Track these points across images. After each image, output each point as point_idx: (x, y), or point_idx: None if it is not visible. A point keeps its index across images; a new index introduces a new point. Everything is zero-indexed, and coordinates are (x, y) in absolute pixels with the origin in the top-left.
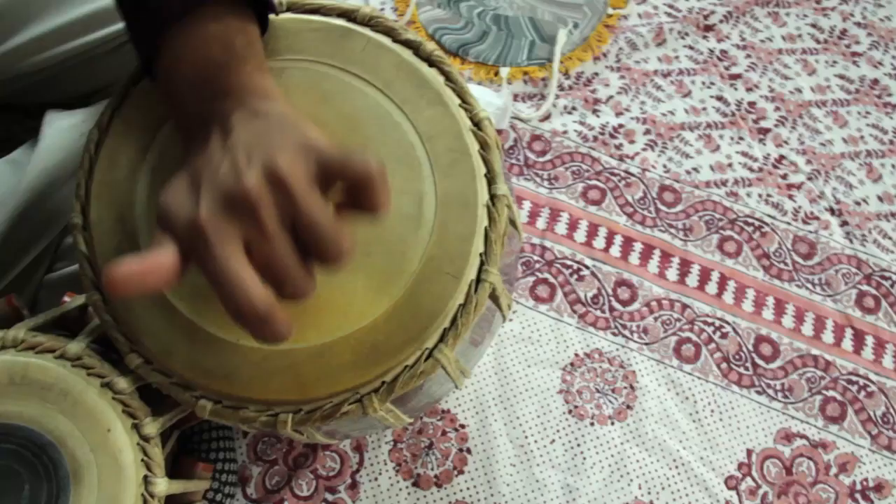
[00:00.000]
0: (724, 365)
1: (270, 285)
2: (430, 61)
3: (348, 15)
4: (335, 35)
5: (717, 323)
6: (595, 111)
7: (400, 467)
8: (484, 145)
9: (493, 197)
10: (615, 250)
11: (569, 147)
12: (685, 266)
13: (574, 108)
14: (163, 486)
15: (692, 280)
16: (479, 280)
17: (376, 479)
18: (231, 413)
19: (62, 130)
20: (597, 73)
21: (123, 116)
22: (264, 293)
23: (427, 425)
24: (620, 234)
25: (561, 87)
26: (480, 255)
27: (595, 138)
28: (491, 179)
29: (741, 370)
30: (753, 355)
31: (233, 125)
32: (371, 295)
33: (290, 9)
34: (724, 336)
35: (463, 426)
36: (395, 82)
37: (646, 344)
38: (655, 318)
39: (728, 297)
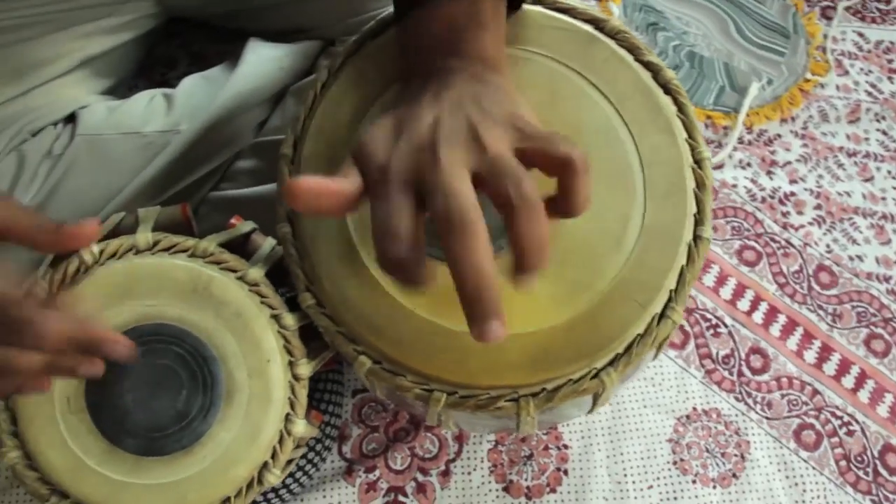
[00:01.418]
0: (843, 462)
1: (440, 226)
2: (667, 89)
3: (597, 23)
4: (580, 39)
5: (846, 418)
6: (769, 173)
7: (495, 469)
8: (700, 185)
9: (696, 238)
10: (758, 316)
11: (735, 201)
12: (826, 352)
13: (749, 164)
14: (301, 427)
15: (829, 368)
16: (662, 315)
17: (469, 473)
18: (388, 377)
19: (263, 60)
20: (780, 135)
21: (356, 65)
22: (414, 257)
23: (531, 435)
24: (767, 302)
25: (740, 140)
26: (671, 291)
27: (763, 199)
28: (699, 220)
29: (860, 473)
30: (877, 462)
31: (450, 84)
32: (555, 301)
33: (539, 2)
34: (850, 433)
35: (566, 446)
36: (628, 100)
37: (766, 418)
38: (783, 396)
39: (863, 396)
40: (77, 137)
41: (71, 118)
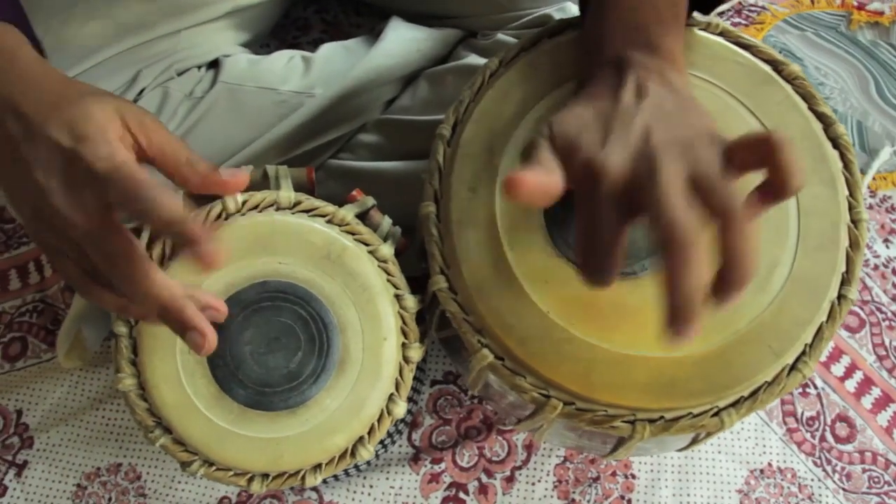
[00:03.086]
0: None
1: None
2: (836, 143)
3: (776, 64)
4: (757, 77)
5: None
6: (887, 241)
7: (559, 484)
8: (854, 245)
9: (840, 297)
10: (850, 384)
11: None
12: None
13: (867, 229)
14: (402, 408)
15: None
16: (793, 367)
17: (533, 484)
18: (508, 375)
19: (403, 40)
20: None
21: (530, 60)
22: (616, 263)
23: (601, 458)
24: (862, 372)
25: None
26: (806, 345)
27: (876, 267)
28: (846, 280)
29: None
30: None
31: (649, 89)
32: None
33: (722, 34)
34: None
35: (634, 476)
36: (797, 148)
37: (843, 489)
38: (864, 470)
39: None
40: (218, 84)
41: (213, 65)
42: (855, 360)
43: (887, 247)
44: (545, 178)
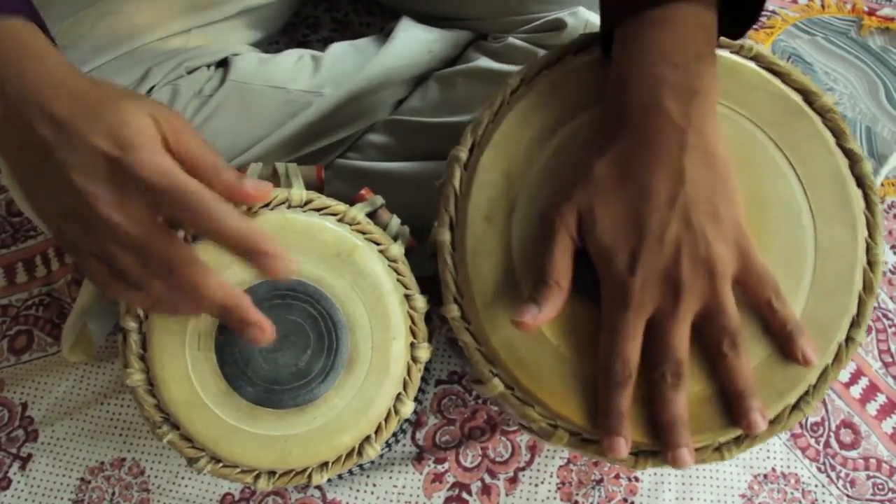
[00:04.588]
0: None
1: (653, 367)
2: (860, 182)
3: (808, 95)
4: (787, 110)
5: None
6: (895, 248)
7: (562, 486)
8: (867, 288)
9: (848, 339)
10: (856, 391)
11: None
12: None
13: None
14: (409, 408)
15: None
16: (795, 406)
17: (536, 485)
18: (517, 404)
19: (413, 41)
20: None
21: (553, 79)
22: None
23: (604, 461)
24: (868, 378)
25: None
26: (810, 385)
27: (883, 273)
28: (855, 322)
29: None
30: None
31: (686, 174)
32: (696, 370)
33: (755, 58)
34: None
35: (637, 479)
36: (820, 187)
37: (847, 496)
38: (868, 477)
39: None
40: (228, 82)
41: (223, 63)
42: (861, 367)
43: (895, 254)
44: (552, 313)
